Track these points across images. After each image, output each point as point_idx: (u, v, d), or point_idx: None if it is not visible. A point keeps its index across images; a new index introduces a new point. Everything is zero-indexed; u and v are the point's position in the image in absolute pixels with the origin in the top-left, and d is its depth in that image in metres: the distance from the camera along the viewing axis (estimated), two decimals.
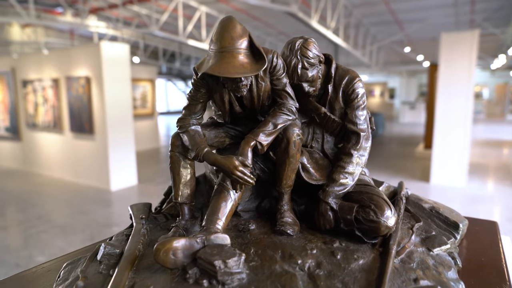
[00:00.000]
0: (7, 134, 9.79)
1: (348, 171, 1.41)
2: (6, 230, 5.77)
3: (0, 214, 6.47)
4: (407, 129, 18.60)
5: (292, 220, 1.39)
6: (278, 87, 1.41)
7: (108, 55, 7.42)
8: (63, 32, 15.89)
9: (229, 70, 1.19)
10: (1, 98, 9.65)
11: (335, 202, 1.35)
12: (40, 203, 7.00)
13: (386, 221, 1.22)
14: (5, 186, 8.20)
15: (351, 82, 1.47)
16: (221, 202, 1.30)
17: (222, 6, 13.57)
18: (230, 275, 1.02)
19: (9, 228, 5.91)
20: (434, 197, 7.22)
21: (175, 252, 1.09)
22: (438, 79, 7.67)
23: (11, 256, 4.69)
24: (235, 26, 1.25)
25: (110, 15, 14.10)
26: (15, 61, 9.34)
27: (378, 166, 9.59)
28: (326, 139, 1.54)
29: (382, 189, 1.61)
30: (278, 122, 1.36)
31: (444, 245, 1.29)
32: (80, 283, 1.06)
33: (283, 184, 1.42)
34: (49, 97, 8.50)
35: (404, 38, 16.16)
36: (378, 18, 14.31)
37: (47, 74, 8.48)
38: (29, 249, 4.86)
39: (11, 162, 10.00)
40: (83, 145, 8.10)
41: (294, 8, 10.64)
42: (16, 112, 9.39)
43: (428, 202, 1.59)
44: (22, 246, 5.04)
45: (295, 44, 1.42)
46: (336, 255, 1.17)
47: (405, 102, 24.17)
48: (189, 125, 1.40)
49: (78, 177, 8.37)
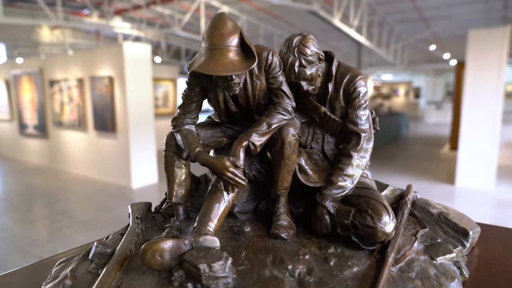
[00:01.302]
0: (35, 132, 10.16)
1: (347, 173, 1.35)
2: (33, 224, 5.99)
3: (28, 209, 6.73)
4: (432, 129, 18.03)
5: (288, 224, 1.34)
6: (273, 86, 1.37)
7: (130, 55, 7.56)
8: (90, 33, 16.37)
9: (218, 68, 1.16)
10: (30, 97, 10.02)
11: (333, 206, 1.29)
12: (65, 199, 7.23)
13: (383, 227, 1.15)
14: (33, 182, 8.51)
15: (352, 81, 1.40)
16: (214, 204, 1.27)
17: (244, 6, 13.57)
18: (215, 279, 0.99)
19: (35, 222, 6.12)
20: (460, 201, 6.97)
21: (162, 253, 1.07)
22: (465, 78, 7.38)
23: (36, 249, 4.86)
24: (226, 23, 1.22)
25: (134, 16, 14.40)
26: (43, 61, 9.67)
27: (400, 167, 9.33)
28: (327, 139, 1.49)
29: (387, 193, 1.54)
30: (273, 121, 1.31)
31: (449, 254, 1.21)
32: (68, 282, 1.06)
33: (279, 186, 1.37)
34: (74, 96, 8.76)
35: (430, 36, 15.65)
36: (403, 16, 13.93)
37: (72, 74, 8.73)
38: (53, 243, 5.02)
39: (39, 159, 10.37)
40: (106, 144, 8.29)
41: (316, 6, 10.51)
42: (43, 111, 9.73)
43: (436, 207, 1.51)
44: (46, 240, 5.21)
45: (292, 41, 1.37)
46: (329, 261, 1.12)
47: (431, 101, 23.42)
48: (183, 125, 1.38)
49: (101, 174, 8.58)
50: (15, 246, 4.93)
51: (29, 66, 9.95)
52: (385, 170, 9.00)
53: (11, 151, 11.29)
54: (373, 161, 8.86)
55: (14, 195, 7.59)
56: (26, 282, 1.18)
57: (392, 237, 1.19)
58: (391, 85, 26.91)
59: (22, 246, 4.97)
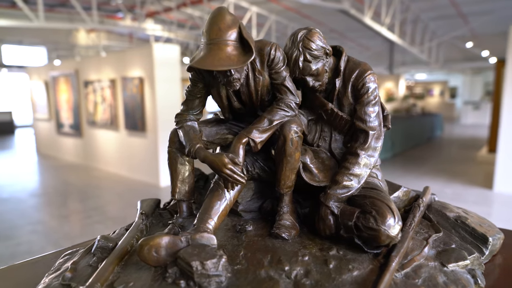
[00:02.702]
0: (71, 131, 10.62)
1: (353, 172, 1.29)
2: (67, 218, 6.25)
3: (63, 204, 7.05)
4: (469, 131, 17.19)
5: (290, 223, 1.30)
6: (277, 81, 1.33)
7: (160, 56, 7.73)
8: (123, 36, 16.94)
9: (214, 62, 1.14)
10: (67, 97, 10.48)
11: (337, 206, 1.24)
12: (97, 195, 7.50)
13: (387, 229, 1.09)
14: (68, 179, 8.90)
15: (361, 76, 1.34)
16: (214, 201, 1.26)
17: (273, 6, 13.55)
18: (207, 277, 0.97)
19: (69, 217, 6.39)
20: (498, 206, 6.58)
21: (157, 249, 1.06)
22: (505, 77, 6.96)
23: (68, 243, 5.07)
24: (224, 17, 1.20)
25: (165, 18, 14.74)
26: (78, 63, 10.10)
27: (433, 170, 8.96)
28: (334, 137, 1.43)
29: (399, 194, 1.46)
30: (274, 118, 1.28)
31: (462, 261, 1.13)
32: (67, 274, 1.08)
33: (282, 184, 1.33)
34: (107, 96, 9.07)
35: (468, 33, 14.95)
36: (439, 12, 13.39)
37: (105, 75, 9.05)
38: (84, 238, 5.21)
39: (74, 156, 10.83)
40: (136, 142, 8.53)
41: (346, 5, 10.32)
42: (78, 111, 10.15)
43: (454, 211, 1.41)
44: (78, 234, 5.43)
45: (297, 35, 1.32)
46: (329, 264, 1.07)
47: (468, 102, 22.34)
48: (185, 121, 1.38)
49: (131, 172, 8.83)
50: (50, 240, 5.17)
51: (66, 68, 10.41)
52: (416, 172, 8.68)
53: (49, 149, 11.86)
54: (404, 163, 8.55)
55: (51, 191, 7.97)
56: (33, 273, 1.21)
57: (397, 241, 1.12)
58: (425, 85, 25.89)
59: (56, 239, 5.21)
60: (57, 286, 1.04)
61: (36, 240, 5.13)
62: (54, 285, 1.05)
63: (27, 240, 5.15)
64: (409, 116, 13.03)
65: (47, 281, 1.08)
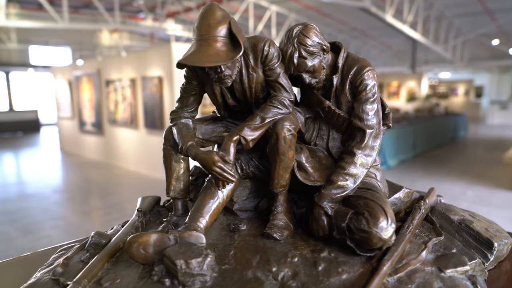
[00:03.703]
0: (93, 129, 10.89)
1: (349, 172, 1.25)
2: (87, 215, 6.42)
3: (84, 200, 7.24)
4: (495, 131, 16.54)
5: (284, 224, 1.27)
6: (271, 78, 1.30)
7: (178, 55, 7.81)
8: (145, 36, 17.24)
9: (202, 59, 1.13)
10: (89, 96, 10.76)
11: (331, 207, 1.20)
12: (116, 192, 7.67)
13: (379, 232, 1.04)
14: (90, 176, 9.13)
15: (359, 72, 1.30)
16: (207, 200, 1.24)
17: (293, 5, 13.47)
18: (191, 276, 0.96)
19: (89, 213, 6.56)
20: None
21: (145, 247, 1.06)
22: None
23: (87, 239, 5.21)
24: (214, 13, 1.18)
25: (186, 18, 14.90)
26: (100, 63, 10.34)
27: (455, 171, 8.68)
28: (332, 136, 1.39)
29: (400, 195, 1.40)
30: (267, 116, 1.25)
31: (462, 266, 1.07)
32: (58, 269, 1.09)
33: (275, 183, 1.30)
34: (127, 95, 9.25)
35: (495, 30, 14.40)
36: (464, 9, 12.96)
37: (126, 75, 9.23)
38: None
39: (96, 154, 11.10)
40: (155, 141, 8.65)
41: (367, 3, 10.14)
42: (100, 109, 10.40)
43: (458, 214, 1.34)
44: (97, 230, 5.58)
45: (293, 31, 1.29)
46: (318, 266, 1.04)
47: (495, 101, 21.46)
48: (180, 118, 1.37)
49: (150, 170, 8.97)
50: (70, 235, 5.31)
51: (88, 68, 10.68)
52: (438, 173, 8.43)
53: (72, 146, 12.20)
54: (426, 163, 8.31)
55: (73, 187, 8.21)
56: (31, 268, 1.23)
57: (391, 244, 1.08)
58: (449, 84, 25.07)
59: (76, 235, 5.33)
60: (46, 280, 1.06)
61: (56, 235, 5.28)
62: (44, 280, 1.06)
63: (48, 234, 5.32)
64: (431, 115, 12.69)
65: (39, 275, 1.10)
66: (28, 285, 1.05)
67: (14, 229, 5.47)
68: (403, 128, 9.83)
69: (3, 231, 5.39)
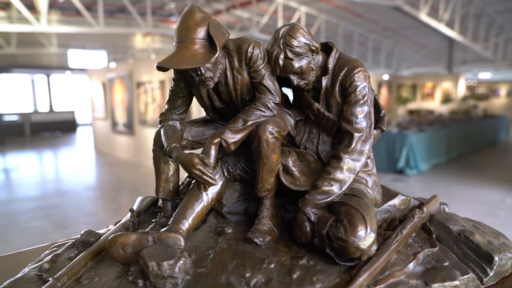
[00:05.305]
0: (124, 129, 11.27)
1: (334, 177, 1.20)
2: (116, 212, 6.65)
3: (114, 198, 7.51)
4: None
5: (267, 228, 1.24)
6: (255, 80, 1.28)
7: None
8: None
9: (178, 61, 1.13)
10: (121, 98, 11.15)
11: (314, 213, 1.16)
12: (144, 192, 7.85)
13: (356, 241, 1.00)
14: (120, 175, 9.46)
15: (349, 74, 1.25)
16: (191, 202, 1.24)
17: (323, 5, 13.29)
18: (162, 278, 0.96)
19: (118, 210, 6.79)
20: None
21: (124, 247, 1.07)
22: None
23: None
24: (193, 15, 1.18)
25: None
26: (131, 65, 10.69)
27: (493, 177, 8.19)
28: (322, 139, 1.34)
29: (395, 202, 1.33)
30: (249, 118, 1.23)
31: (450, 281, 1.00)
32: (45, 265, 1.13)
33: (259, 187, 1.28)
34: (157, 97, 9.50)
35: None
36: (507, 5, 12.24)
37: (155, 77, 9.48)
38: None
39: (127, 154, 11.48)
40: None
41: (400, 1, 9.82)
42: (131, 110, 10.75)
43: (459, 224, 1.26)
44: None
45: (279, 32, 1.26)
46: (292, 274, 1.00)
47: None
48: (167, 120, 1.38)
49: None
50: None
51: (121, 70, 11.07)
52: (473, 179, 7.99)
53: (105, 146, 12.69)
54: (460, 168, 7.94)
55: (105, 185, 8.54)
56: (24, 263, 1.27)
57: (371, 254, 1.02)
58: (489, 85, 23.68)
59: None
60: (32, 276, 1.10)
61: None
62: (30, 275, 1.10)
63: (78, 230, 5.52)
64: (467, 118, 12.05)
65: (27, 270, 1.14)
66: (14, 280, 1.09)
67: (48, 224, 5.76)
68: (436, 130, 9.42)
69: (38, 225, 5.70)
